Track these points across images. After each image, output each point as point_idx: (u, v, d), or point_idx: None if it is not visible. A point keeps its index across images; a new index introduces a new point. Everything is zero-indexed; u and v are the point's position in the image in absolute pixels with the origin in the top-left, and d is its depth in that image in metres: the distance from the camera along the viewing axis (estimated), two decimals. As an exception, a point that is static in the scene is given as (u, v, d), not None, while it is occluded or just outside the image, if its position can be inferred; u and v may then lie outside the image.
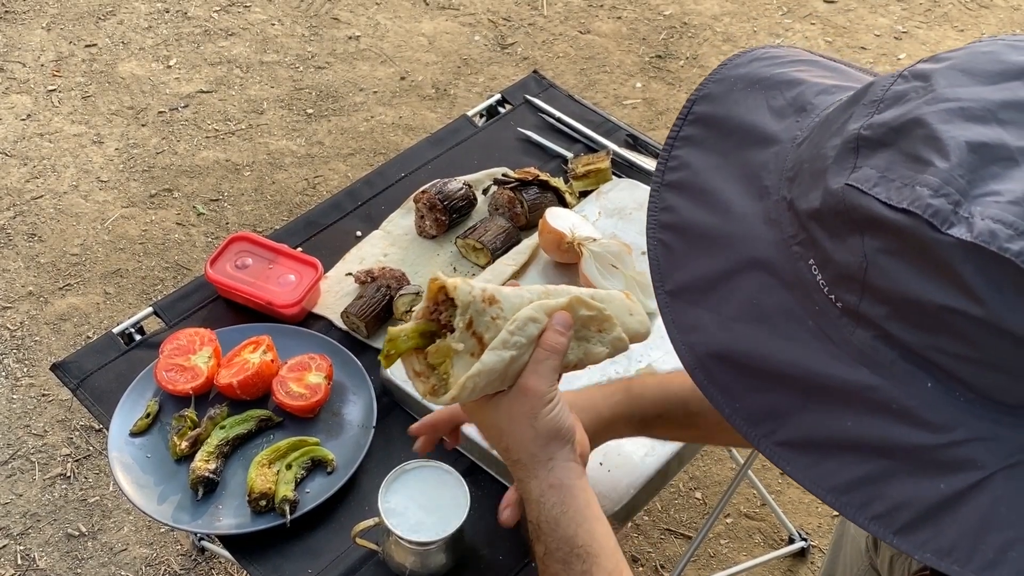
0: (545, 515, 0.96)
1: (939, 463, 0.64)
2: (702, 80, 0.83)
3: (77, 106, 3.27)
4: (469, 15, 3.66)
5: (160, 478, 1.37)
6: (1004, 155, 0.62)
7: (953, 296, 0.61)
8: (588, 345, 1.04)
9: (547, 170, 1.77)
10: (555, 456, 0.97)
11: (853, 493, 0.67)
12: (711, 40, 3.60)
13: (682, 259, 0.76)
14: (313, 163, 3.12)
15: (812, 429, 0.69)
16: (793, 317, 0.70)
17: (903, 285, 0.63)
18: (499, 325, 0.97)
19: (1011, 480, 0.63)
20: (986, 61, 0.67)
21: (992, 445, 0.64)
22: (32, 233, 2.90)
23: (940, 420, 0.64)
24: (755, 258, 0.72)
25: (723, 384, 0.72)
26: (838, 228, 0.66)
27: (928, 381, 0.65)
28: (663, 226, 0.78)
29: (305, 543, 1.33)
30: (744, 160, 0.76)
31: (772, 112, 0.77)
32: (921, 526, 0.65)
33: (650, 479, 1.34)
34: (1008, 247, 0.59)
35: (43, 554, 2.25)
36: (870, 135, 0.66)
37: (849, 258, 0.66)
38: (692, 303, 0.74)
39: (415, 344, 1.00)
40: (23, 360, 2.59)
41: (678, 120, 0.81)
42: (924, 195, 0.62)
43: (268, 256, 1.61)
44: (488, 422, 1.00)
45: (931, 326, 0.63)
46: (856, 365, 0.67)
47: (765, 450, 0.70)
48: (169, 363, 1.45)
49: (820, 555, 2.27)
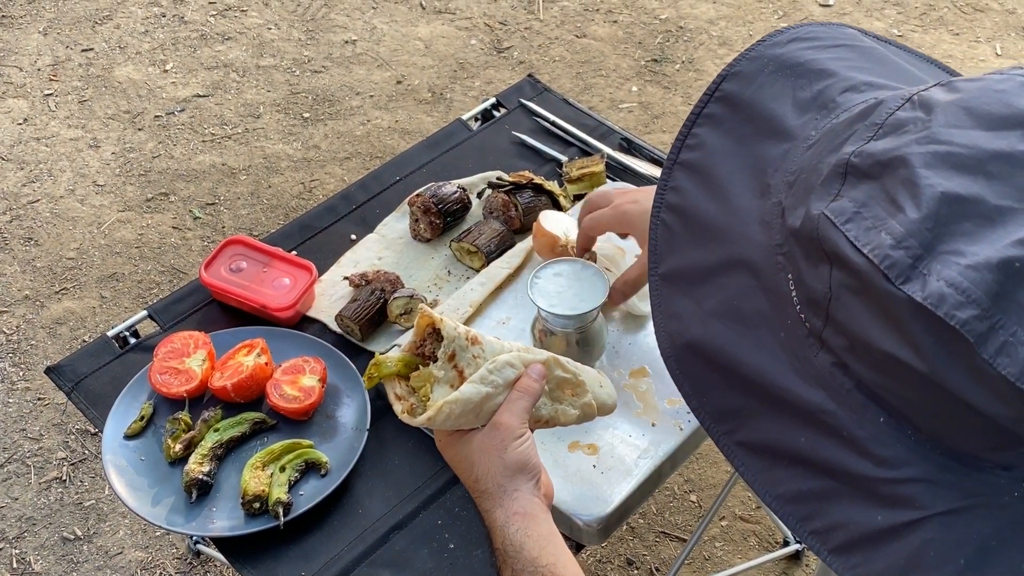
0: (510, 539, 0.99)
1: (880, 496, 0.65)
2: (739, 54, 0.81)
3: (74, 110, 3.28)
4: (465, 19, 3.67)
5: (154, 481, 1.38)
6: (980, 212, 0.60)
7: (902, 349, 0.61)
8: (561, 406, 1.12)
9: (542, 174, 1.78)
10: (520, 488, 1.01)
11: (797, 504, 0.68)
12: (707, 44, 3.60)
13: (679, 244, 0.77)
14: (309, 167, 3.12)
15: (768, 436, 0.70)
16: (767, 324, 0.70)
17: (859, 325, 0.63)
18: (479, 363, 1.04)
19: (946, 527, 0.63)
20: (994, 102, 0.65)
21: (935, 489, 0.64)
22: (28, 237, 2.90)
23: (887, 455, 0.65)
24: (744, 258, 0.72)
25: (693, 376, 0.73)
26: (811, 253, 0.66)
27: (881, 416, 0.65)
28: (668, 206, 0.78)
29: (299, 545, 1.33)
30: (757, 152, 0.76)
31: (795, 104, 0.77)
32: (854, 550, 0.66)
33: (643, 481, 1.34)
34: (955, 314, 0.58)
35: (39, 558, 2.25)
36: (858, 163, 0.66)
37: (818, 285, 0.66)
38: (680, 291, 0.75)
39: (398, 371, 1.08)
40: (19, 364, 2.59)
41: (704, 95, 0.80)
42: (886, 244, 0.61)
43: (262, 259, 1.62)
44: (461, 455, 1.05)
45: (883, 369, 0.63)
46: (815, 386, 0.67)
47: (724, 447, 0.72)
48: (163, 366, 1.45)
49: (814, 558, 2.27)
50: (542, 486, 1.05)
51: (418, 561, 1.31)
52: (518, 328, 1.51)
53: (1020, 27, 3.73)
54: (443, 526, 1.35)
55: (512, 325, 1.51)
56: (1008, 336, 0.57)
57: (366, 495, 1.38)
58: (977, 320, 0.57)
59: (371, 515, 1.36)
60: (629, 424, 1.38)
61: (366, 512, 1.37)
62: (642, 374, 1.45)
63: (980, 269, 0.58)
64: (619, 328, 1.51)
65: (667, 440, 1.37)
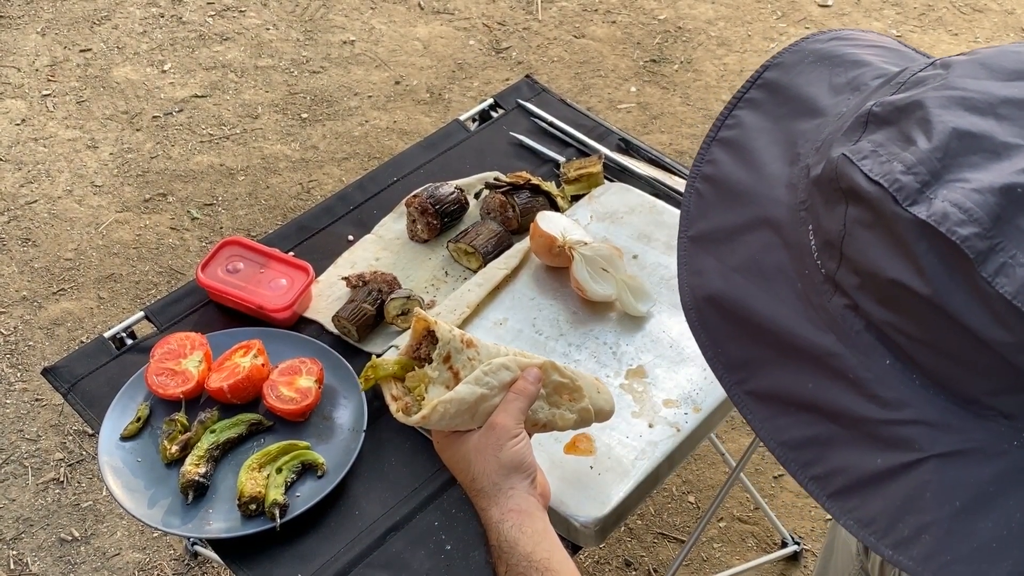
0: (504, 535, 1.00)
1: (881, 438, 0.66)
2: (782, 48, 0.86)
3: (72, 111, 3.27)
4: (464, 19, 3.66)
5: (150, 482, 1.37)
6: (988, 147, 0.63)
7: (906, 272, 0.63)
8: (558, 411, 1.13)
9: (539, 174, 1.78)
10: (516, 486, 1.03)
11: (800, 451, 0.70)
12: (705, 44, 3.60)
13: (710, 209, 0.80)
14: (307, 167, 3.12)
15: (777, 384, 0.72)
16: (785, 277, 0.73)
17: (869, 257, 0.65)
18: (474, 366, 1.06)
19: (942, 469, 0.64)
20: (1009, 59, 0.69)
21: (935, 432, 0.65)
22: (26, 238, 2.90)
23: (890, 396, 0.66)
24: (768, 217, 0.75)
25: (711, 328, 0.76)
26: (830, 195, 0.69)
27: (887, 358, 0.67)
28: (703, 176, 0.81)
29: (295, 547, 1.33)
30: (790, 128, 0.79)
31: (830, 88, 0.80)
32: (851, 494, 0.67)
33: (641, 482, 1.34)
34: (956, 231, 0.60)
35: (36, 559, 2.24)
36: (879, 112, 0.69)
37: (833, 226, 0.68)
38: (705, 250, 0.78)
39: (394, 373, 1.09)
40: (16, 365, 2.59)
41: (747, 83, 0.84)
42: (896, 170, 0.64)
43: (259, 260, 1.61)
44: (458, 455, 1.06)
45: (889, 302, 0.65)
46: (826, 330, 0.69)
47: (734, 396, 0.74)
48: (160, 367, 1.45)
49: (813, 559, 2.27)
50: (538, 485, 1.06)
51: (415, 562, 1.31)
52: (515, 329, 1.51)
53: (1019, 27, 3.73)
54: (440, 527, 1.35)
55: (509, 326, 1.51)
56: (1007, 258, 0.60)
57: (363, 497, 1.38)
58: (978, 238, 0.60)
59: (368, 516, 1.36)
60: (626, 425, 1.38)
61: (363, 514, 1.36)
62: (639, 374, 1.45)
63: (983, 192, 0.61)
64: (616, 328, 1.51)
65: (664, 441, 1.37)
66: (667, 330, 1.51)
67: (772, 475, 2.43)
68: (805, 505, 2.37)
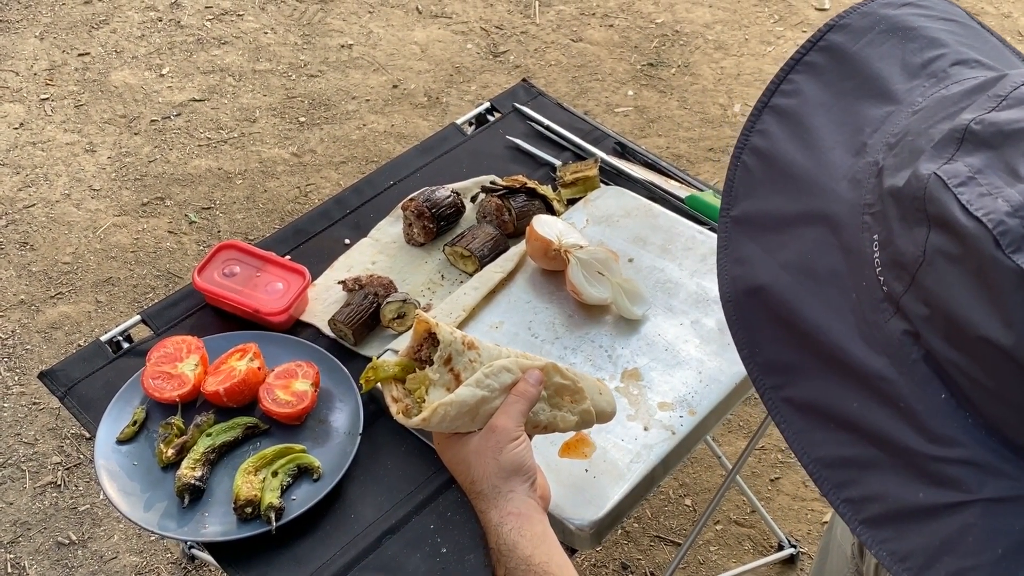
0: (504, 538, 0.99)
1: (926, 472, 0.63)
2: (848, 8, 0.78)
3: (70, 115, 3.28)
4: (462, 23, 3.67)
5: (146, 485, 1.38)
6: None
7: (991, 321, 0.59)
8: (559, 412, 1.12)
9: (535, 178, 1.78)
10: (515, 489, 1.02)
11: (835, 470, 0.67)
12: (703, 48, 3.61)
13: (758, 188, 0.74)
14: (305, 171, 3.12)
15: (819, 396, 0.68)
16: (839, 283, 0.68)
17: (948, 293, 0.61)
18: (475, 368, 1.05)
19: (990, 514, 0.62)
20: None
21: (984, 475, 0.62)
22: (24, 242, 2.90)
23: (941, 432, 0.63)
24: (827, 213, 0.70)
25: (749, 324, 0.71)
26: (910, 214, 0.64)
27: (943, 392, 0.64)
28: (752, 149, 0.75)
29: (291, 550, 1.33)
30: (856, 110, 0.74)
31: (903, 68, 0.74)
32: (886, 524, 0.64)
33: (636, 485, 1.34)
34: None
35: (33, 562, 2.25)
36: (979, 131, 0.64)
37: (910, 247, 0.64)
38: (750, 236, 0.73)
39: (395, 375, 1.08)
40: (14, 368, 2.59)
41: (808, 42, 0.77)
42: (1001, 209, 0.59)
43: (256, 264, 1.62)
44: (458, 457, 1.05)
45: (959, 342, 0.62)
46: (879, 352, 0.65)
47: (768, 401, 0.69)
48: (156, 371, 1.45)
49: (809, 561, 2.27)
50: (538, 488, 1.05)
51: (410, 566, 1.31)
52: (511, 332, 1.51)
53: (1016, 31, 3.73)
54: (436, 531, 1.35)
55: (505, 329, 1.52)
56: None
57: (359, 500, 1.38)
58: None
59: (363, 520, 1.36)
60: (621, 428, 1.38)
61: (358, 517, 1.37)
62: (635, 377, 1.45)
63: None
64: (612, 332, 1.51)
65: (660, 444, 1.37)
66: (662, 333, 1.51)
67: (768, 478, 2.43)
68: (801, 508, 2.38)
